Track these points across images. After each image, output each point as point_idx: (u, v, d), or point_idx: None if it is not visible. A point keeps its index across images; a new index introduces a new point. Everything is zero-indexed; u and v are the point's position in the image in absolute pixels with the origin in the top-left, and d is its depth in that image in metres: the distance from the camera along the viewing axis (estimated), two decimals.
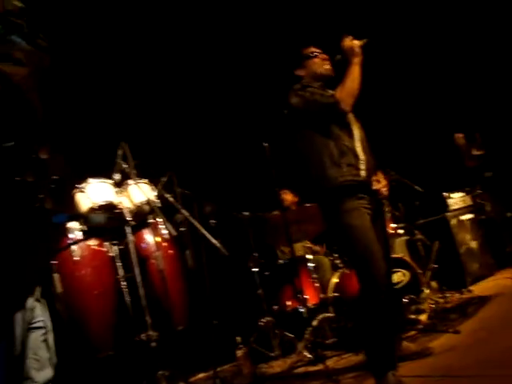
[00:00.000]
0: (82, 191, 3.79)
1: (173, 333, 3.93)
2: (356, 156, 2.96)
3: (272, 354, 4.31)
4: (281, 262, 4.83)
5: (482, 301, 4.49)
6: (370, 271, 2.78)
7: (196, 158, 5.63)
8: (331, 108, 2.91)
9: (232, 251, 3.80)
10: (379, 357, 2.77)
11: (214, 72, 5.97)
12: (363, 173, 2.94)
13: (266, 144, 3.95)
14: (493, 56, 7.04)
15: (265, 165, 3.96)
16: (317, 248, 5.33)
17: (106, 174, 3.95)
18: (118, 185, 3.92)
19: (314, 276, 4.38)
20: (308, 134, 3.02)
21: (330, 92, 3.01)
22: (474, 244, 5.83)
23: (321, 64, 3.15)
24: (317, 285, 4.35)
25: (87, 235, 3.78)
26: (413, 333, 3.82)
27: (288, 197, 5.49)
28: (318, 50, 3.19)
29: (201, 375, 4.33)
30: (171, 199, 3.78)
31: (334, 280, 4.31)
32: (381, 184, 3.08)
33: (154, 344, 3.56)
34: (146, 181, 3.99)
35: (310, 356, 3.84)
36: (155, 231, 3.93)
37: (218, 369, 3.93)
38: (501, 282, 5.33)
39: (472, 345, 3.30)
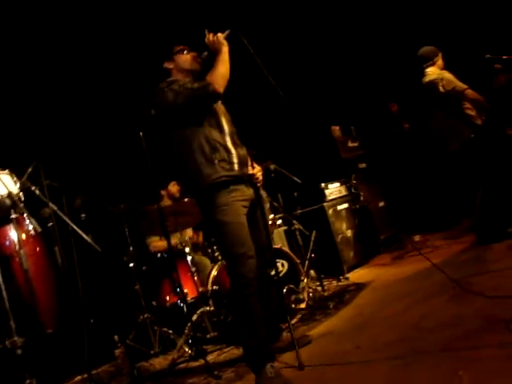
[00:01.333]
0: None
1: (41, 337, 3.63)
2: (228, 150, 2.96)
3: (152, 352, 4.18)
4: (158, 255, 4.65)
5: (358, 288, 4.67)
6: (238, 268, 2.83)
7: (65, 146, 5.24)
8: (203, 90, 2.87)
9: (106, 246, 3.58)
10: (254, 351, 2.81)
11: (88, 58, 5.61)
12: (236, 166, 2.95)
13: (141, 133, 3.72)
14: (368, 51, 7.35)
15: (141, 155, 3.74)
16: (194, 239, 5.24)
17: None
18: None
19: (193, 269, 4.26)
20: (178, 133, 2.97)
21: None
22: (349, 233, 6.04)
23: (189, 59, 3.15)
24: (196, 278, 4.23)
25: None
26: (292, 322, 3.86)
27: (174, 188, 5.33)
28: (185, 48, 3.19)
29: (76, 379, 4.07)
30: (37, 192, 3.48)
31: (213, 273, 4.22)
32: (255, 169, 3.14)
33: (19, 351, 3.26)
34: (7, 171, 3.64)
35: (190, 352, 3.77)
36: (19, 227, 3.60)
37: (95, 370, 3.70)
38: (374, 270, 5.60)
39: (348, 331, 3.41)
